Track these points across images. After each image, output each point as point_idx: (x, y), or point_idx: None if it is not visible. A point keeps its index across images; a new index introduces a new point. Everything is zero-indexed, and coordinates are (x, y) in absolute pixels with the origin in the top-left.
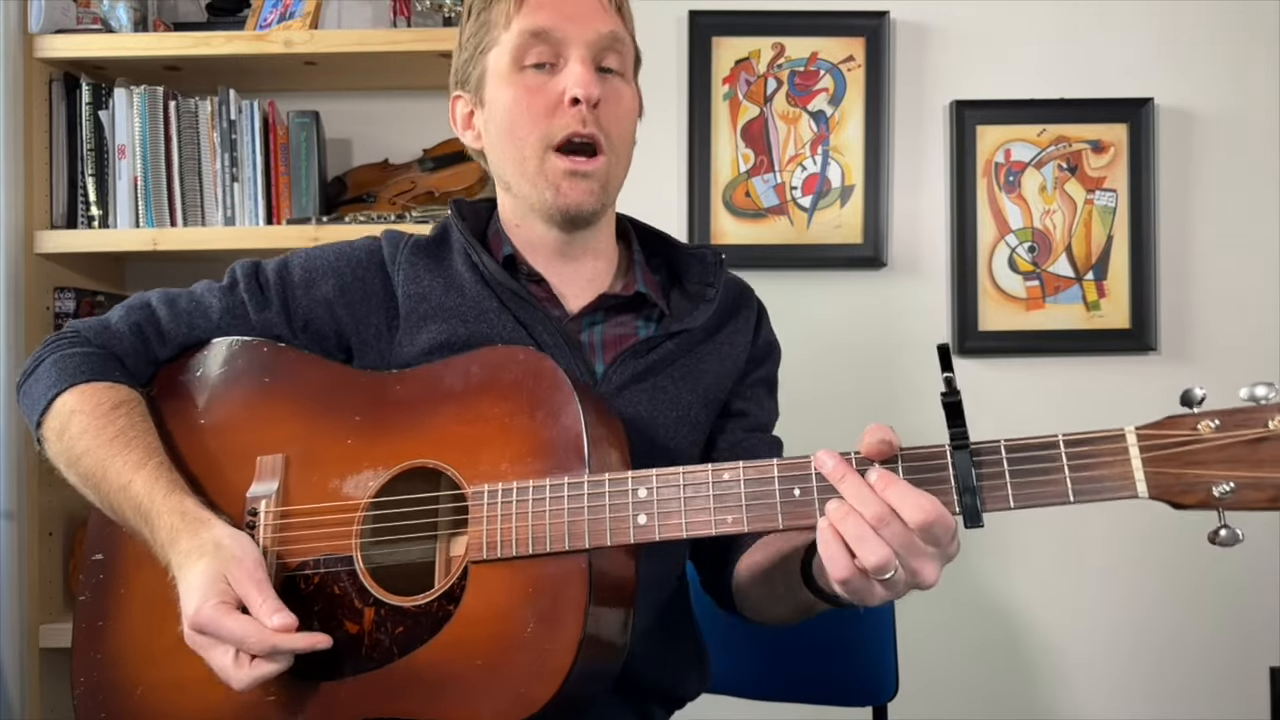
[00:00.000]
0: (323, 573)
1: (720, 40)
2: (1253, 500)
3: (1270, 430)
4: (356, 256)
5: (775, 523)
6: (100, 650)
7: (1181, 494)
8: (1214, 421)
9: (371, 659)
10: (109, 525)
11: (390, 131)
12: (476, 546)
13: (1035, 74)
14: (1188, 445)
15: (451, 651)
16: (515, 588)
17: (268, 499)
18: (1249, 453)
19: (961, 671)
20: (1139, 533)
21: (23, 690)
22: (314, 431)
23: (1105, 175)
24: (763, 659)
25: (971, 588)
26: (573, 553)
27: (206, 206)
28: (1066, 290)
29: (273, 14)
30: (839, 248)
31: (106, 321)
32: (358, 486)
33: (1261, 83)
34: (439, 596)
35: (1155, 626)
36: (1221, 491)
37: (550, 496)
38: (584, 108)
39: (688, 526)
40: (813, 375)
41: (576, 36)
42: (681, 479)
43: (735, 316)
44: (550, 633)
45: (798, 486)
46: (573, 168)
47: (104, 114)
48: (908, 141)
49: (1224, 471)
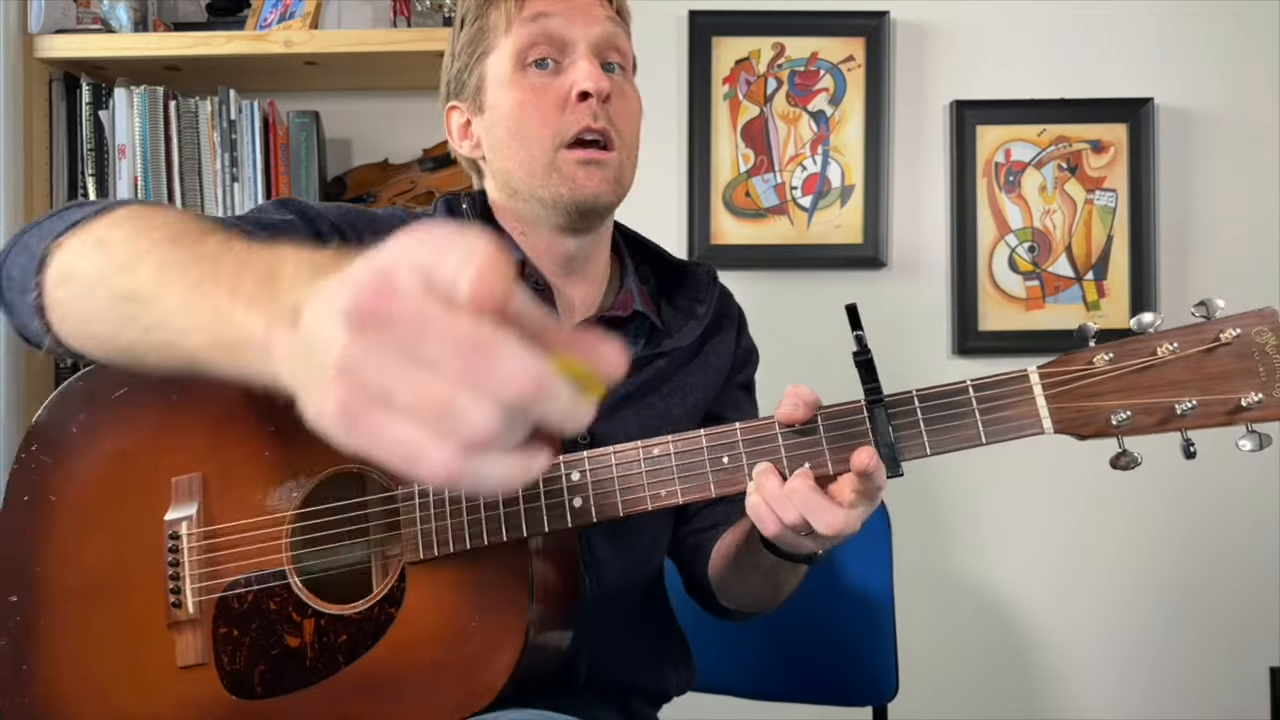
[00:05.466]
0: (255, 590)
1: (720, 40)
2: (1146, 425)
3: (1158, 357)
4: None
5: (708, 491)
6: (28, 695)
7: (1082, 426)
8: (1108, 354)
9: (317, 670)
10: (21, 562)
11: (390, 131)
12: (412, 547)
13: (1035, 74)
14: (1086, 379)
15: (398, 654)
16: (456, 585)
17: (188, 520)
18: (1140, 380)
19: (961, 671)
20: (1139, 533)
21: None
22: (228, 447)
23: (1105, 175)
24: (762, 659)
25: (972, 588)
26: (511, 543)
27: (207, 206)
28: (1066, 290)
29: (273, 14)
30: (839, 248)
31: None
32: (281, 498)
33: (1261, 83)
34: (379, 601)
35: (1155, 626)
36: (1119, 420)
37: None
38: (594, 102)
39: (623, 505)
40: (812, 376)
41: (581, 33)
42: (613, 458)
43: (720, 330)
44: (495, 624)
45: (726, 454)
46: (587, 157)
47: (104, 114)
48: (908, 141)
49: (1119, 400)
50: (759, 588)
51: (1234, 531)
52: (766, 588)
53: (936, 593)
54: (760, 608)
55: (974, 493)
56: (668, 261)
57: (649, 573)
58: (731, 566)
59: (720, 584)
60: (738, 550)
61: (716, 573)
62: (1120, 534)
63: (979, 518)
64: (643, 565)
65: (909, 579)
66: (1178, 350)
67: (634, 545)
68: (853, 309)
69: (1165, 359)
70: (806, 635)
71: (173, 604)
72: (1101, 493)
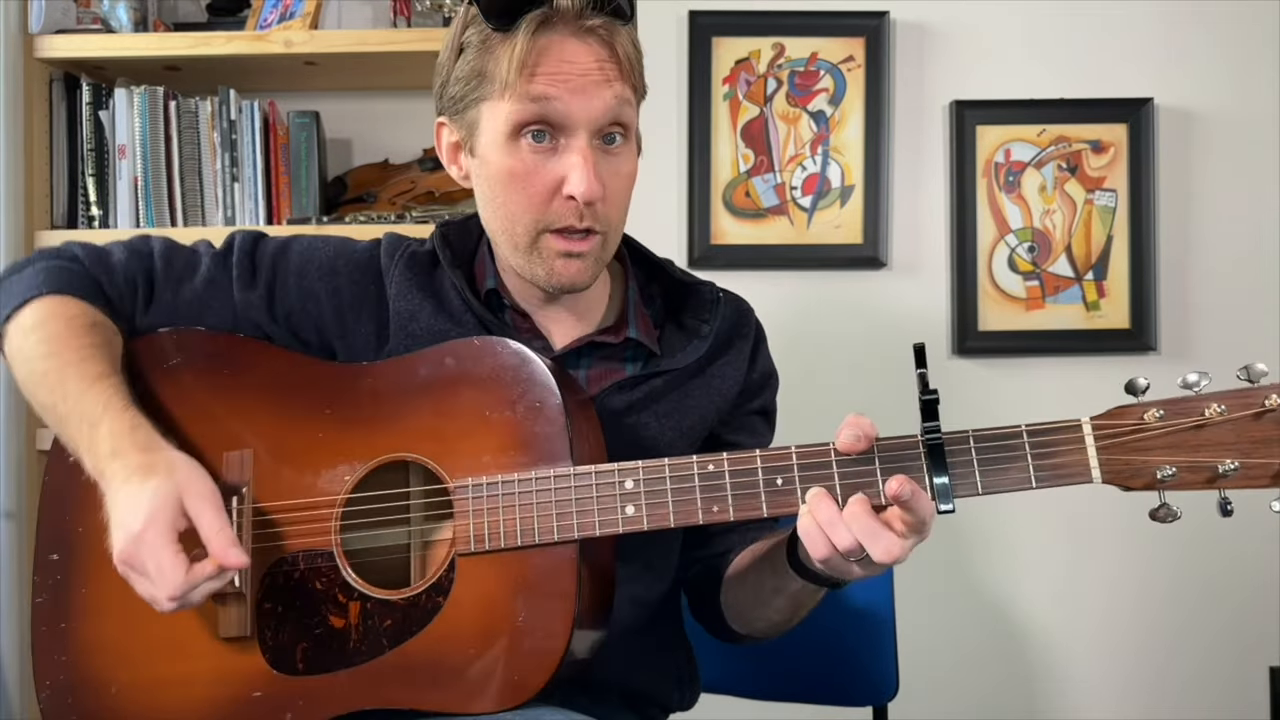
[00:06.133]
0: (303, 569)
1: (720, 40)
2: (1189, 482)
3: (1206, 419)
4: (356, 259)
5: (760, 510)
6: (65, 652)
7: (1130, 478)
8: (1159, 411)
9: (360, 652)
10: (64, 523)
11: (390, 131)
12: (464, 539)
13: (1035, 74)
14: (1136, 434)
15: (443, 642)
16: (504, 578)
17: (237, 495)
18: (1188, 439)
19: (962, 671)
20: (1139, 533)
21: (23, 689)
22: (281, 425)
23: (1105, 175)
24: (762, 659)
25: (972, 588)
26: (561, 543)
27: (207, 206)
28: (1066, 290)
29: (273, 14)
30: (839, 248)
31: (106, 256)
32: (333, 480)
33: (1261, 83)
34: (427, 589)
35: (1155, 626)
36: (1164, 475)
37: (537, 489)
38: (582, 204)
39: (675, 517)
40: (812, 376)
41: (583, 116)
42: (668, 470)
43: (729, 348)
44: (541, 622)
45: (780, 476)
46: (568, 249)
47: (104, 114)
48: (908, 141)
49: (1167, 457)
50: (780, 611)
51: (1234, 531)
52: (787, 610)
53: (936, 593)
54: (774, 631)
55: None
56: (674, 277)
57: (655, 591)
58: (750, 590)
59: (735, 608)
60: (758, 574)
61: (731, 596)
62: (1120, 534)
63: (979, 518)
64: (647, 583)
65: (909, 579)
66: (1226, 413)
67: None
68: (920, 349)
69: (1213, 420)
70: (806, 635)
71: None
72: (1101, 493)
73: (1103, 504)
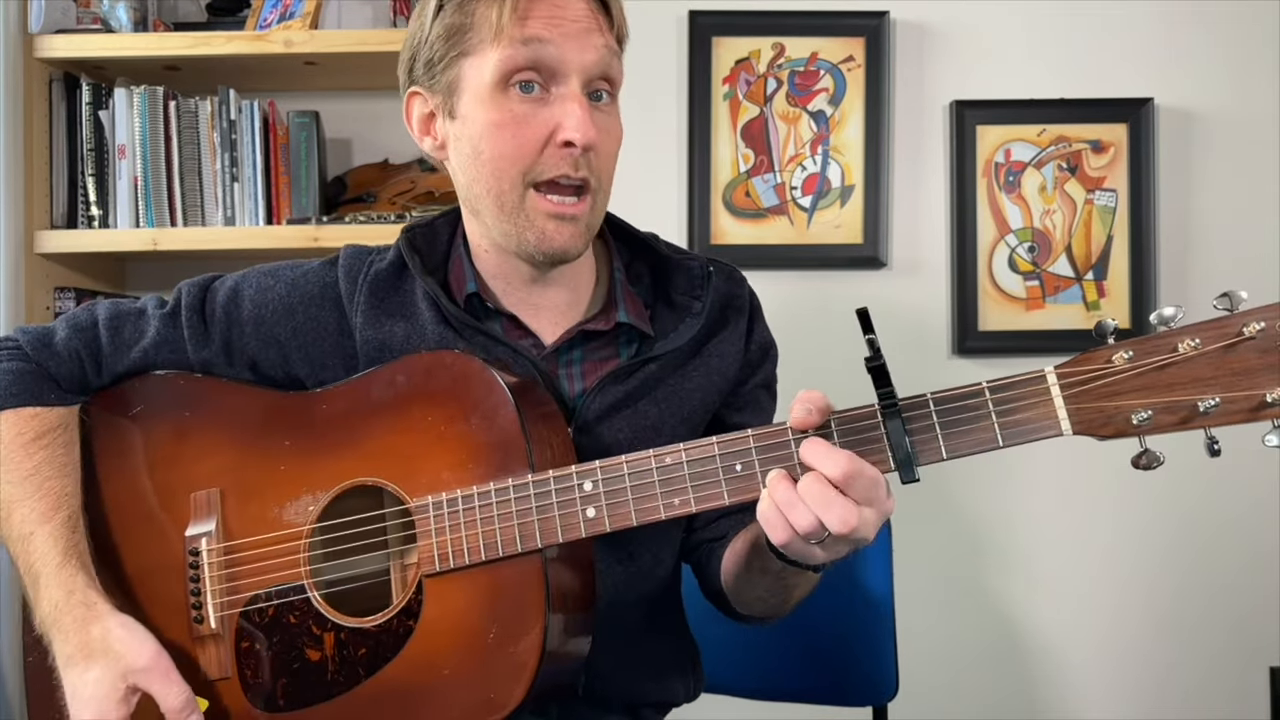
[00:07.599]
0: (276, 604)
1: (720, 40)
2: (1167, 424)
3: (1179, 354)
4: (311, 291)
5: (721, 499)
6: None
7: (1101, 426)
8: (1127, 352)
9: (338, 683)
10: None
11: (390, 131)
12: (428, 560)
13: (1035, 74)
14: (1104, 377)
15: (417, 666)
16: (473, 595)
17: (208, 536)
18: (1161, 378)
19: (961, 671)
20: (1138, 533)
21: (22, 691)
22: (245, 461)
23: (1105, 175)
24: (763, 659)
25: (972, 588)
26: (526, 554)
27: (206, 206)
28: (1066, 290)
29: (273, 14)
30: (839, 248)
31: (49, 338)
32: (298, 512)
33: (1261, 83)
34: (398, 613)
35: (1155, 626)
36: (1139, 419)
37: (497, 501)
38: (578, 150)
39: (637, 514)
40: (812, 376)
41: (575, 62)
42: (625, 468)
43: (724, 325)
44: (513, 636)
45: (739, 461)
46: (558, 210)
47: (104, 114)
48: (908, 141)
49: (1140, 399)
50: (769, 592)
51: (1234, 531)
52: (775, 593)
53: (936, 593)
54: (772, 613)
55: (974, 493)
56: (660, 253)
57: (652, 582)
58: (742, 571)
59: (732, 590)
60: (748, 556)
61: (728, 578)
62: (1120, 534)
63: (979, 518)
64: (644, 575)
65: (909, 579)
66: (1199, 346)
67: (632, 555)
68: (863, 313)
69: (1186, 355)
70: (807, 635)
71: (194, 619)
72: (1101, 493)
73: (1103, 504)
